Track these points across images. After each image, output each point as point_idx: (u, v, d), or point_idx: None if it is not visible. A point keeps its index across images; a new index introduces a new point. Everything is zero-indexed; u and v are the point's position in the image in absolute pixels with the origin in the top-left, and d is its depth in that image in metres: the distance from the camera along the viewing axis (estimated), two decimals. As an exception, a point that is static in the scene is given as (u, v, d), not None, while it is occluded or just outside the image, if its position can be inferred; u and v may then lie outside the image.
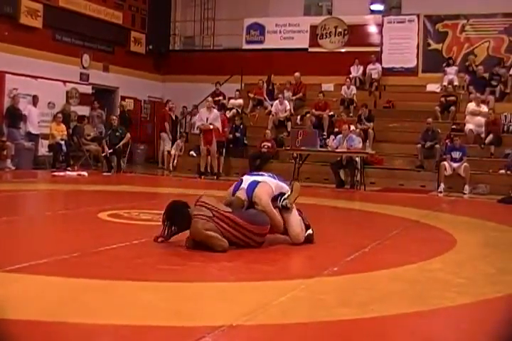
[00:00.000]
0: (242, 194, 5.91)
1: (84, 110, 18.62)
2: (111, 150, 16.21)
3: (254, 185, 5.91)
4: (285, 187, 6.15)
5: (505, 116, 16.66)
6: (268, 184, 5.98)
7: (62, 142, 16.09)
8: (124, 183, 13.38)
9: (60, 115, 16.56)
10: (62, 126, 16.44)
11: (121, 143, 16.46)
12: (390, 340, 3.51)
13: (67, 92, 18.30)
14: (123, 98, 21.01)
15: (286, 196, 6.04)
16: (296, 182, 6.65)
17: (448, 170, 14.32)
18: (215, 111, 16.31)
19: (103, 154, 16.41)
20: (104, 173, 15.84)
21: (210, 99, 16.76)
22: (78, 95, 18.74)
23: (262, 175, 6.20)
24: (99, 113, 19.08)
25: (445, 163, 14.41)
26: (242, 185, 5.99)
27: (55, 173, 14.79)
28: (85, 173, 15.13)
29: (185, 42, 24.00)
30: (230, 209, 5.68)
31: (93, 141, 17.31)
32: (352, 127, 15.87)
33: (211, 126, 15.72)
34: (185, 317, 3.59)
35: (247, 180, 6.03)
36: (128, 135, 16.80)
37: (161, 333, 3.31)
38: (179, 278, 4.51)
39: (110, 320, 3.45)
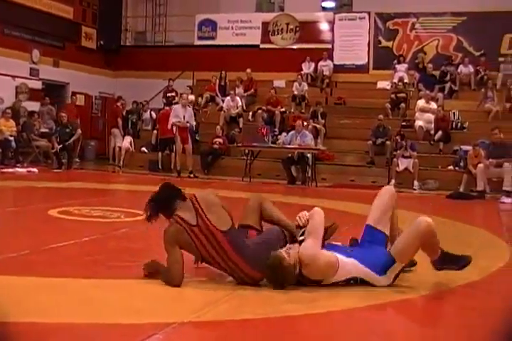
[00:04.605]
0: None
1: (34, 106, 18.36)
2: (61, 146, 16.04)
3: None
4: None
5: (454, 113, 16.93)
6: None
7: (12, 138, 15.83)
8: (75, 180, 13.26)
9: (9, 111, 16.29)
10: (11, 122, 16.18)
11: (71, 140, 16.30)
12: (337, 334, 3.57)
13: (16, 87, 18.03)
14: (74, 93, 20.79)
15: None
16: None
17: (400, 167, 14.55)
18: (190, 109, 15.96)
19: (53, 150, 16.22)
20: (55, 170, 15.65)
21: (185, 96, 16.41)
22: (28, 90, 18.49)
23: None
24: (49, 109, 18.81)
25: (397, 159, 14.61)
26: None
27: (4, 170, 14.54)
28: (35, 170, 14.91)
29: (136, 37, 23.87)
30: (225, 227, 4.26)
31: (43, 137, 17.07)
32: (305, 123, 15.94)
33: (188, 124, 15.50)
34: (136, 314, 3.59)
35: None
36: (79, 131, 16.65)
37: (112, 331, 3.31)
38: (130, 276, 4.49)
39: (62, 318, 3.44)
